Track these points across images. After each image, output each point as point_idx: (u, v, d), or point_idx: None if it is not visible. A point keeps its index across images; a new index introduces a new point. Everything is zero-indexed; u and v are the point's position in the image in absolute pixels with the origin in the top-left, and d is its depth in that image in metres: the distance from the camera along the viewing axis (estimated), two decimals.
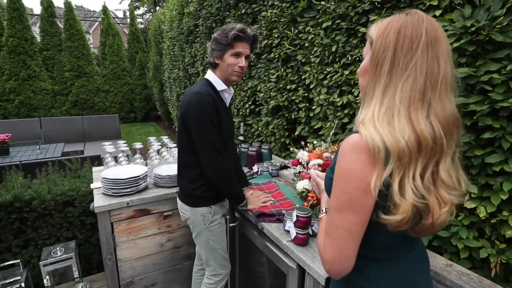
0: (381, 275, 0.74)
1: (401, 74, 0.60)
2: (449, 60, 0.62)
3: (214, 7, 3.32)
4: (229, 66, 1.35)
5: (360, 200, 0.62)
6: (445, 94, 0.61)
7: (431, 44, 0.60)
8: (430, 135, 0.59)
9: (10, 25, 6.83)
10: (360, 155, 0.61)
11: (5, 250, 1.88)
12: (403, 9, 1.47)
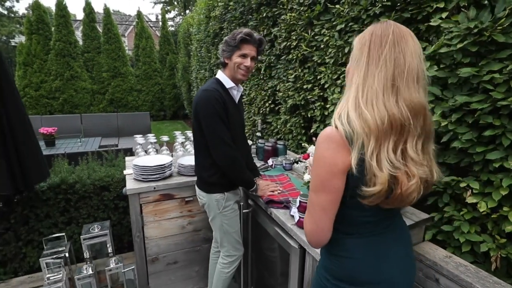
0: (357, 245, 0.85)
1: (376, 64, 0.74)
2: (416, 56, 0.74)
3: (238, 11, 3.50)
4: (235, 65, 1.50)
5: (331, 182, 0.74)
6: (412, 84, 0.73)
7: (397, 42, 0.74)
8: (400, 117, 0.71)
9: (57, 31, 7.53)
10: (331, 144, 0.73)
11: (53, 226, 2.18)
12: (411, 11, 1.54)
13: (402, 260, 0.91)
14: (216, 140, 1.45)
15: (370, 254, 0.85)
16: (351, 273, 0.85)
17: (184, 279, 2.05)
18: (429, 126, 0.79)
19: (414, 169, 0.74)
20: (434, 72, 1.41)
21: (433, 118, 1.40)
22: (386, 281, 0.85)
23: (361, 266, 0.84)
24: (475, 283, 1.16)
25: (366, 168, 0.72)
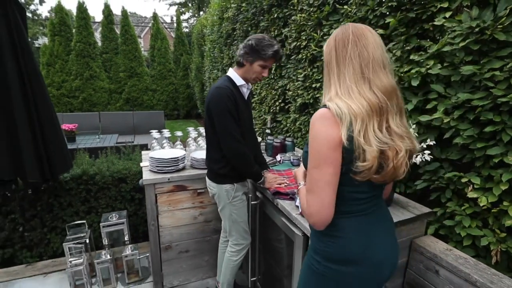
0: (350, 224, 0.91)
1: (344, 64, 0.85)
2: (378, 47, 0.85)
3: (250, 12, 3.59)
4: (254, 73, 1.58)
5: (331, 155, 0.81)
6: (379, 70, 0.84)
7: (358, 39, 0.85)
8: (377, 101, 0.81)
9: (78, 32, 7.85)
10: (325, 121, 0.81)
11: (74, 214, 2.34)
12: (416, 11, 1.58)
13: (388, 240, 0.98)
14: (227, 136, 1.53)
15: (361, 234, 0.91)
16: (343, 252, 0.91)
17: (195, 268, 2.16)
18: (401, 103, 0.90)
19: (399, 143, 0.83)
20: (438, 70, 1.45)
21: (436, 115, 1.45)
22: (374, 261, 0.92)
23: (352, 245, 0.90)
24: (473, 274, 1.21)
25: (355, 144, 0.80)
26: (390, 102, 0.84)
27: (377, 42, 0.86)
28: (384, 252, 0.94)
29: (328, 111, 0.82)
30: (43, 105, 1.88)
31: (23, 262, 2.34)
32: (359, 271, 0.91)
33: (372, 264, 0.92)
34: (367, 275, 0.93)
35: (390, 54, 1.72)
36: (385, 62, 0.86)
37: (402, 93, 1.64)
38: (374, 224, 0.94)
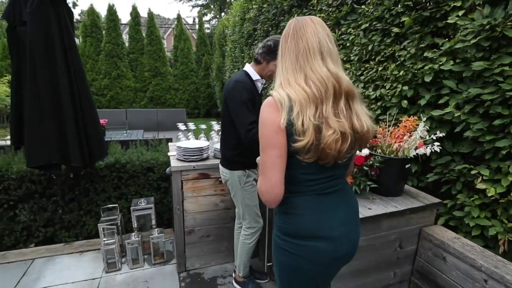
0: (303, 202, 0.96)
1: (285, 56, 0.94)
2: (316, 36, 0.91)
3: (271, 12, 3.72)
4: (270, 71, 1.68)
5: (274, 138, 0.88)
6: (312, 59, 0.90)
7: (296, 33, 0.93)
8: (311, 92, 0.88)
9: (108, 33, 8.31)
10: (270, 108, 0.90)
11: (107, 199, 2.56)
12: (431, 10, 1.65)
13: (346, 222, 1.00)
14: (244, 126, 1.62)
15: (315, 211, 0.96)
16: (296, 227, 0.96)
17: (214, 252, 2.31)
18: (347, 88, 0.91)
19: (331, 122, 0.88)
20: (450, 66, 1.52)
21: (447, 109, 1.52)
22: (328, 237, 0.95)
23: (305, 221, 0.96)
24: (478, 259, 1.27)
25: (294, 126, 0.87)
26: (327, 91, 0.88)
27: (317, 32, 0.92)
28: (340, 229, 0.98)
29: (272, 99, 0.91)
30: (86, 100, 2.11)
31: (62, 241, 2.59)
32: (314, 245, 0.95)
33: (327, 240, 0.95)
34: (322, 249, 0.96)
35: (405, 52, 1.79)
36: (322, 50, 0.91)
37: (415, 89, 1.72)
38: (331, 204, 0.99)
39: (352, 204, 1.06)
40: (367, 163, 1.49)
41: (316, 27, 0.93)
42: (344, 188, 1.05)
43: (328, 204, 0.98)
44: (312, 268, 0.99)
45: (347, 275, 1.43)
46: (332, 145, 0.87)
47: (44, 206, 2.50)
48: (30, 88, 1.99)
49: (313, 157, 0.89)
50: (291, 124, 0.87)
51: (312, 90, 0.88)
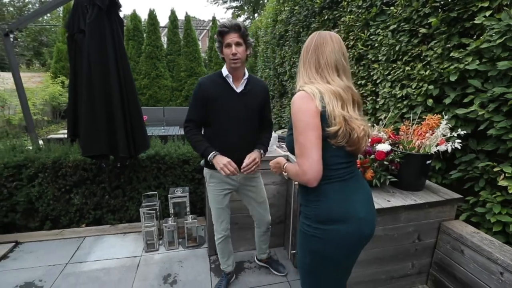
0: (331, 189, 1.08)
1: (306, 66, 1.11)
2: (332, 56, 1.08)
3: (302, 14, 3.82)
4: (226, 56, 1.58)
5: (313, 121, 1.01)
6: (331, 74, 1.07)
7: (317, 48, 1.09)
8: (334, 87, 1.04)
9: (148, 36, 8.89)
10: (304, 99, 1.03)
11: (147, 187, 2.85)
12: (458, 11, 1.68)
13: (365, 202, 1.13)
14: (187, 117, 1.70)
15: (341, 196, 1.08)
16: (328, 213, 1.07)
17: (241, 240, 2.49)
18: (358, 98, 1.12)
19: (359, 122, 1.06)
20: (475, 66, 1.55)
21: (471, 108, 1.55)
22: (356, 218, 1.07)
23: (334, 206, 1.07)
24: (495, 252, 1.31)
25: (327, 112, 1.01)
26: (347, 94, 1.06)
27: (335, 50, 1.08)
28: (364, 211, 1.10)
29: (304, 92, 1.05)
30: (132, 99, 2.39)
31: (108, 223, 2.92)
32: (343, 228, 1.06)
33: (355, 221, 1.07)
34: (351, 231, 1.07)
35: (431, 52, 1.83)
36: (339, 67, 1.09)
37: (441, 88, 1.76)
38: (353, 188, 1.12)
39: (367, 188, 1.19)
40: (387, 158, 1.57)
41: (335, 46, 1.09)
42: (358, 174, 1.19)
43: (350, 188, 1.11)
44: (340, 252, 1.10)
45: (366, 262, 1.53)
46: (363, 139, 1.07)
47: (94, 191, 2.84)
48: (86, 88, 2.31)
49: (343, 142, 1.04)
50: (324, 110, 1.02)
51: (338, 90, 1.05)
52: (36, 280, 2.13)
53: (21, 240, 2.62)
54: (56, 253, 2.45)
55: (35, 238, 2.66)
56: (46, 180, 2.69)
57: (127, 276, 2.19)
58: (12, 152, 2.73)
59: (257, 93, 1.72)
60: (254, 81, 1.73)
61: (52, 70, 9.31)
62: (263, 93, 1.76)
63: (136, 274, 2.22)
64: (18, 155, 2.68)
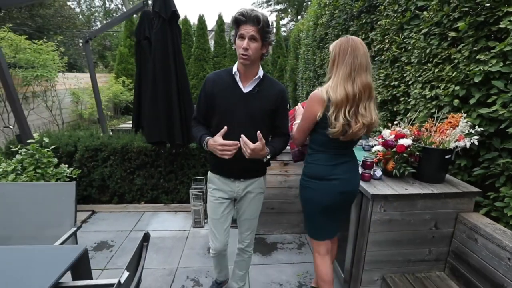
0: (322, 157, 1.52)
1: (341, 66, 1.35)
2: (365, 57, 1.37)
3: (341, 18, 3.99)
4: (237, 49, 1.38)
5: (310, 117, 1.42)
6: (362, 72, 1.36)
7: (353, 51, 1.36)
8: (353, 93, 1.33)
9: (197, 40, 9.61)
10: (314, 100, 1.39)
11: (196, 173, 3.29)
12: (485, 15, 1.77)
13: (347, 169, 1.53)
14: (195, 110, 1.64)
15: (329, 162, 1.50)
16: (316, 172, 1.52)
17: (277, 223, 2.78)
18: (372, 94, 1.41)
19: (360, 118, 1.37)
20: (499, 67, 1.65)
21: (493, 107, 1.66)
22: (338, 178, 1.49)
23: (321, 168, 1.51)
24: (504, 240, 1.43)
25: (328, 118, 1.37)
26: (364, 93, 1.36)
27: (365, 53, 1.37)
28: (345, 175, 1.52)
29: (319, 92, 1.40)
30: (187, 96, 2.84)
31: (162, 202, 3.42)
32: (327, 183, 1.50)
33: (336, 179, 1.49)
34: (333, 185, 1.50)
35: (459, 54, 1.94)
36: (368, 66, 1.37)
37: (468, 89, 1.87)
38: (339, 159, 1.52)
39: (356, 164, 1.60)
40: (407, 151, 1.74)
41: (364, 50, 1.40)
42: (352, 154, 1.58)
43: (337, 159, 1.52)
44: (325, 200, 1.53)
45: (384, 243, 1.72)
46: (358, 133, 1.40)
47: (152, 174, 3.35)
48: (151, 86, 2.79)
49: (338, 136, 1.40)
50: (325, 116, 1.38)
51: (355, 90, 1.35)
52: (109, 240, 2.66)
53: (96, 210, 3.22)
54: (123, 222, 2.98)
55: (106, 209, 3.25)
56: (115, 162, 3.26)
57: (178, 245, 2.62)
58: (90, 138, 3.36)
59: (267, 97, 1.48)
60: (268, 83, 1.51)
61: (115, 71, 10.50)
62: (276, 97, 1.49)
63: (185, 244, 2.63)
64: (96, 140, 3.29)
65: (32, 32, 11.32)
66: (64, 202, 1.66)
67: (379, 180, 1.80)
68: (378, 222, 1.67)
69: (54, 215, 1.65)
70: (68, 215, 1.66)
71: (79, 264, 1.30)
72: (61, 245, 1.44)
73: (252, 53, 1.37)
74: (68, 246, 1.37)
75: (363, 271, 1.77)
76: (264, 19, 1.35)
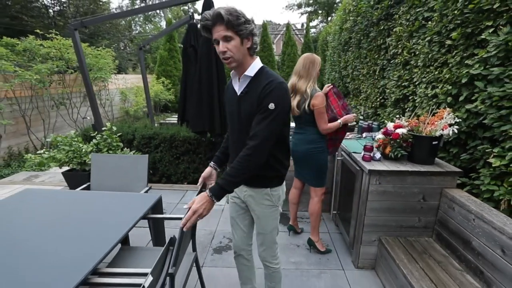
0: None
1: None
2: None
3: (363, 24, 4.38)
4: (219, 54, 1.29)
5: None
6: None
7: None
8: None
9: None
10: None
11: None
12: (472, 27, 2.14)
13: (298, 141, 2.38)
14: None
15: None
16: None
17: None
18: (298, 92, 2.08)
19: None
20: (480, 71, 2.03)
21: (475, 103, 2.04)
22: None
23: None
24: (472, 206, 1.83)
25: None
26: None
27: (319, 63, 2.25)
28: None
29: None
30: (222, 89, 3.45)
31: None
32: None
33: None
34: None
35: (452, 59, 2.32)
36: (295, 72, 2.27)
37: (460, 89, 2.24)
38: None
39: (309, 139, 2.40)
40: (400, 138, 2.17)
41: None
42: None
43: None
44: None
45: (380, 210, 2.17)
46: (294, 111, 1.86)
47: (194, 160, 4.00)
48: (196, 84, 3.43)
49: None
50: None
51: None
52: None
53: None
54: (171, 197, 3.65)
55: (157, 187, 3.95)
56: (165, 149, 3.95)
57: (215, 215, 3.22)
58: (145, 129, 4.08)
59: (253, 98, 1.32)
60: (258, 80, 1.33)
61: (156, 72, 11.52)
62: (259, 95, 1.29)
63: (221, 214, 3.23)
64: (149, 130, 4.01)
65: (85, 38, 12.74)
66: (140, 169, 2.31)
67: (378, 161, 2.24)
68: (374, 193, 2.12)
69: (133, 177, 2.31)
70: (142, 178, 2.31)
71: (156, 205, 1.93)
72: (145, 193, 2.08)
73: (233, 53, 1.25)
74: (150, 194, 2.01)
75: (363, 232, 2.23)
76: (227, 13, 1.19)
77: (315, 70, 2.31)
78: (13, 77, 4.98)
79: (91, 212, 1.73)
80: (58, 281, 1.12)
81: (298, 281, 2.25)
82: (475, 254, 1.75)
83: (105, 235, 1.46)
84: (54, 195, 2.00)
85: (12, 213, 1.69)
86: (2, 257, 1.27)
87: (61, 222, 1.60)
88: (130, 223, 1.59)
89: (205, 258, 2.50)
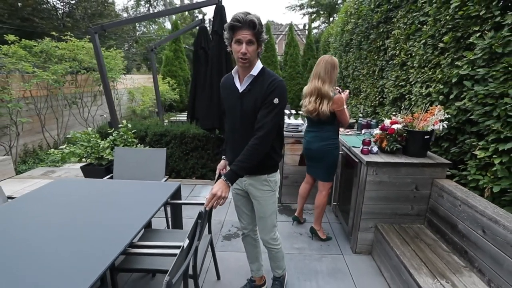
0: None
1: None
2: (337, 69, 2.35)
3: (364, 26, 4.58)
4: (235, 53, 1.44)
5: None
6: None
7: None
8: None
9: None
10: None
11: None
12: (462, 32, 2.35)
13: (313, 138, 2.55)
14: None
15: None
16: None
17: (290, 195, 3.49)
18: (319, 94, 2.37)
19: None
20: (468, 71, 2.23)
21: (463, 101, 2.25)
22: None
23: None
24: (458, 193, 2.03)
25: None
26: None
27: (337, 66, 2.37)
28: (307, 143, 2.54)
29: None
30: None
31: (210, 178, 4.28)
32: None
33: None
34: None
35: (444, 61, 2.52)
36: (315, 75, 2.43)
37: (451, 88, 2.45)
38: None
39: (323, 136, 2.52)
40: (395, 133, 2.38)
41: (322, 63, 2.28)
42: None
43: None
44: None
45: (376, 199, 2.38)
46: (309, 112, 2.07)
47: (202, 155, 4.23)
48: (208, 86, 3.65)
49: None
50: None
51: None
52: None
53: None
54: None
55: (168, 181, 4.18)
56: (175, 145, 4.18)
57: (223, 207, 3.44)
58: (157, 126, 4.32)
59: (258, 94, 1.49)
60: (262, 79, 1.51)
61: (161, 72, 11.76)
62: (265, 91, 1.47)
63: (229, 206, 3.45)
64: (161, 128, 4.24)
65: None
66: (158, 161, 2.54)
67: (375, 154, 2.45)
68: (371, 182, 2.33)
69: (152, 169, 2.54)
70: (161, 170, 2.53)
71: (176, 193, 2.15)
72: (166, 182, 2.31)
73: (250, 55, 1.44)
74: (170, 182, 2.23)
75: (361, 220, 2.44)
76: (258, 23, 1.40)
77: (335, 73, 2.39)
78: (31, 77, 5.23)
79: (119, 199, 1.96)
80: (98, 251, 1.35)
81: (301, 263, 2.46)
82: (460, 236, 1.95)
83: (135, 217, 1.69)
84: (83, 184, 2.23)
85: (48, 200, 1.92)
86: (54, 232, 1.50)
87: (95, 207, 1.83)
88: (155, 207, 1.81)
89: (216, 244, 2.72)
